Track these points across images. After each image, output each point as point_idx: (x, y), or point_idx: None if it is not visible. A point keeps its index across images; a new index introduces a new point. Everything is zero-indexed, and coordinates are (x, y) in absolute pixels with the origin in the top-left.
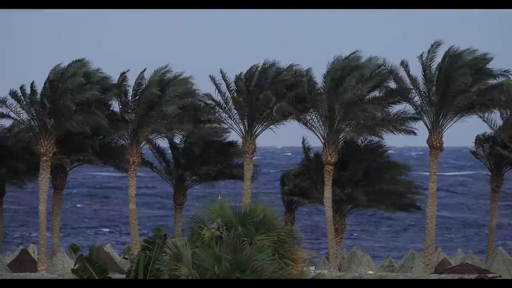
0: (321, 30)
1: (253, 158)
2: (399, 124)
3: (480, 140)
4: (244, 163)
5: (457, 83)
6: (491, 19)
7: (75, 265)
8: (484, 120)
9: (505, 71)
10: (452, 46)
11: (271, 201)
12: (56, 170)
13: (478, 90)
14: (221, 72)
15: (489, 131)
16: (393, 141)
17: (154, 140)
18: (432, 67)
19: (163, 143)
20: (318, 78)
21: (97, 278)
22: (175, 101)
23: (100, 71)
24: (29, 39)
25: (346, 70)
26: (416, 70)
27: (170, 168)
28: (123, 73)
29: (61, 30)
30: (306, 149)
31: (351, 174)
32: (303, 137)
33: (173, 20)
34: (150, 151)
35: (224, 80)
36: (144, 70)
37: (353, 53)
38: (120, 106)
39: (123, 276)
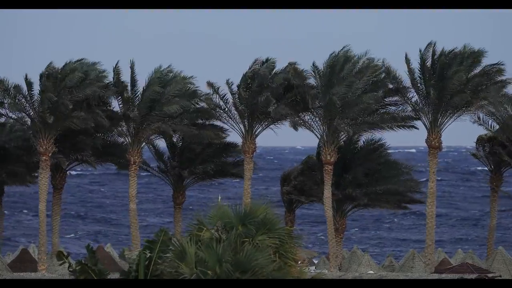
0: (321, 30)
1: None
2: (399, 120)
3: (482, 140)
4: (244, 162)
5: (452, 81)
6: (485, 18)
7: (69, 266)
8: (480, 124)
9: (496, 63)
10: (443, 48)
11: (271, 200)
12: (55, 170)
13: (473, 88)
14: (228, 83)
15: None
16: (392, 141)
17: (154, 140)
18: (429, 66)
19: (161, 143)
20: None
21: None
22: (177, 100)
23: (98, 66)
24: (26, 38)
25: (338, 64)
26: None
27: (168, 167)
28: (116, 64)
29: (58, 29)
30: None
31: (352, 177)
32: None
33: (171, 21)
34: (150, 152)
35: (227, 84)
36: (133, 64)
37: (343, 48)
38: (121, 105)
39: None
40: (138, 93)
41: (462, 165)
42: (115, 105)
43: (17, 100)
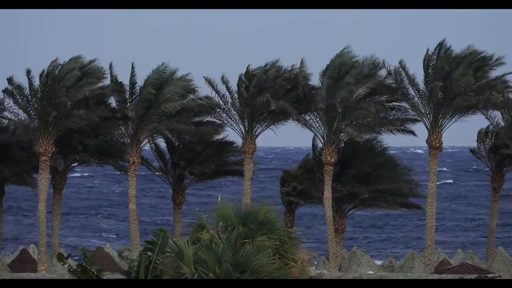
0: (321, 30)
1: None
2: (399, 124)
3: (482, 135)
4: (244, 163)
5: (457, 83)
6: (483, 18)
7: (68, 267)
8: (487, 118)
9: (498, 59)
10: (450, 46)
11: (273, 200)
12: (55, 170)
13: (478, 89)
14: (222, 78)
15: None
16: (397, 141)
17: (154, 140)
18: (433, 67)
19: (161, 143)
20: (318, 78)
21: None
22: (174, 99)
23: (95, 63)
24: (31, 39)
25: (343, 68)
26: (415, 70)
27: (168, 167)
28: (111, 65)
29: (59, 29)
30: (315, 149)
31: (352, 174)
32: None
33: (170, 20)
34: (151, 152)
35: (224, 83)
36: (133, 68)
37: (344, 49)
38: (118, 105)
39: (122, 276)
40: (137, 94)
41: (466, 165)
42: (114, 105)
43: (19, 100)
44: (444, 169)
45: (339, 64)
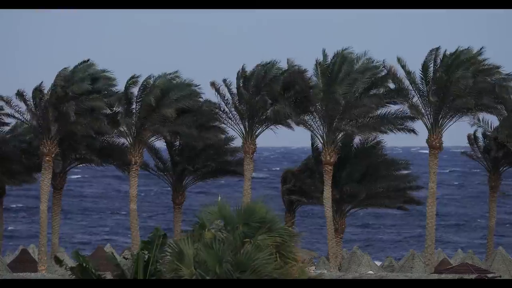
0: (321, 30)
1: None
2: (399, 123)
3: (470, 139)
4: (244, 163)
5: (457, 85)
6: (480, 18)
7: (69, 268)
8: (480, 126)
9: (507, 74)
10: (445, 50)
11: (270, 199)
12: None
13: (477, 92)
14: (224, 81)
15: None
16: (401, 141)
17: (154, 142)
18: (432, 67)
19: (161, 143)
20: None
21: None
22: (175, 104)
23: (106, 72)
24: (31, 39)
25: (338, 66)
26: (415, 68)
27: (168, 167)
28: (137, 76)
29: (59, 29)
30: (314, 148)
31: (348, 173)
32: (311, 136)
33: (170, 19)
34: (149, 153)
35: (225, 85)
36: (151, 75)
37: (345, 49)
38: (121, 110)
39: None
40: (141, 97)
41: (469, 165)
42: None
43: (30, 104)
44: (457, 169)
45: (335, 61)
